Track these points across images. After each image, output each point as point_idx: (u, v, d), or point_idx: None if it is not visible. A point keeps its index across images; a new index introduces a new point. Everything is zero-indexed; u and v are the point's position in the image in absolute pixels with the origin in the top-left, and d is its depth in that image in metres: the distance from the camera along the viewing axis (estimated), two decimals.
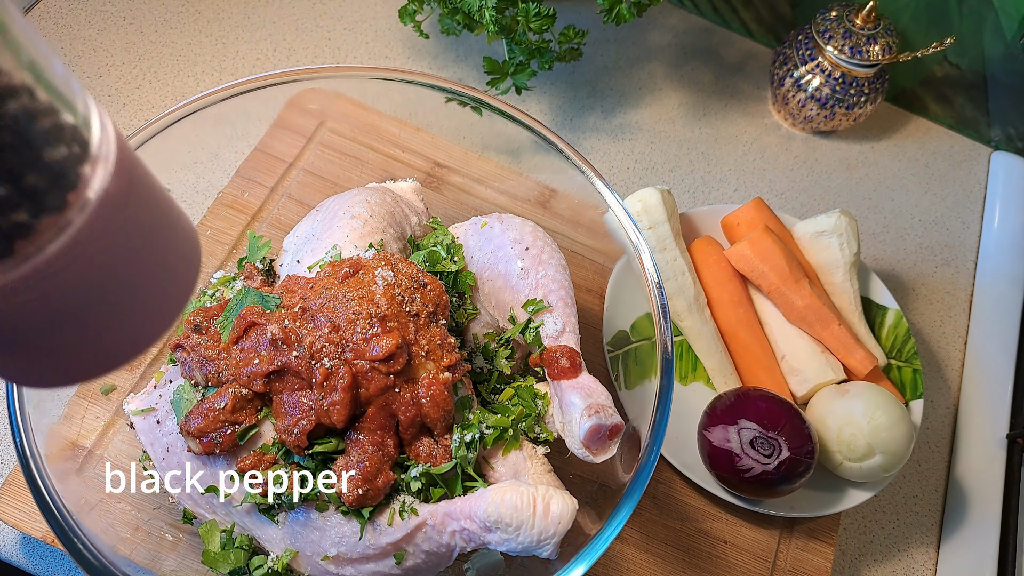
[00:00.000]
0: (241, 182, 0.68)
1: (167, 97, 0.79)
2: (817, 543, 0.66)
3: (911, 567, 0.70)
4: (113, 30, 0.82)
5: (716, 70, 0.94)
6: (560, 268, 0.55)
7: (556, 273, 0.55)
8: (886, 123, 0.95)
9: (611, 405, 0.50)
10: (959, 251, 0.88)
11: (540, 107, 0.87)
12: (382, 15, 0.89)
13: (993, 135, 0.94)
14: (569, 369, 0.51)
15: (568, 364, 0.51)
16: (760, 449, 0.61)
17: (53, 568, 0.58)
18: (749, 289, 0.73)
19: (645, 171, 0.86)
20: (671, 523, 0.65)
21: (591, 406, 0.49)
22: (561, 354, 0.51)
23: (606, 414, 0.49)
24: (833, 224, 0.72)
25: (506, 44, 0.75)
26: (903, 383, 0.71)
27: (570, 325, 0.53)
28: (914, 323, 0.82)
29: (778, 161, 0.89)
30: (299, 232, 0.57)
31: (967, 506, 0.73)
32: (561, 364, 0.51)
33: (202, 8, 0.86)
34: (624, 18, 0.73)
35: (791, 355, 0.70)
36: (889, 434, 0.63)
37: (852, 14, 0.83)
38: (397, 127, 0.71)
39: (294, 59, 0.85)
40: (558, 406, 0.52)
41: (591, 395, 0.50)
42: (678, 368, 0.71)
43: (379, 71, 0.56)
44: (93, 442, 0.53)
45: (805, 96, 0.87)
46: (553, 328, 0.53)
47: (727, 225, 0.75)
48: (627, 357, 0.62)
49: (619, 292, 0.66)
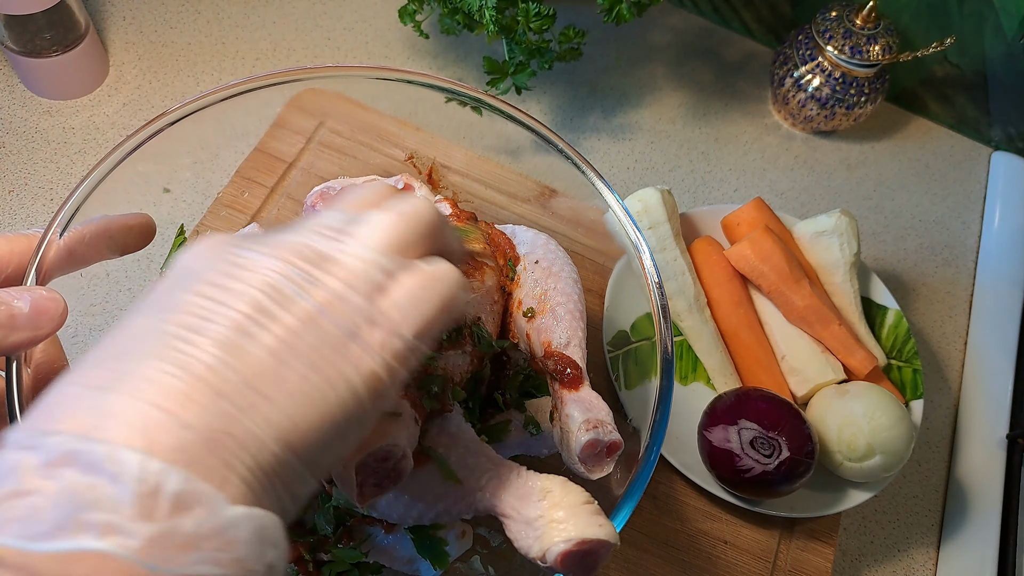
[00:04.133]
0: (241, 182, 0.68)
1: (166, 97, 0.79)
2: (817, 543, 0.66)
3: (911, 567, 0.70)
4: (113, 30, 0.82)
5: (716, 70, 0.94)
6: (572, 282, 0.55)
7: (567, 287, 0.54)
8: (886, 123, 0.95)
9: (611, 422, 0.48)
10: (959, 251, 0.88)
11: (540, 107, 0.87)
12: (382, 15, 0.89)
13: (993, 135, 0.94)
14: (572, 380, 0.50)
15: (571, 374, 0.50)
16: (760, 449, 0.61)
17: None
18: (749, 289, 0.73)
19: (645, 171, 0.86)
20: (671, 523, 0.65)
21: (589, 420, 0.47)
22: (566, 363, 0.51)
23: (604, 430, 0.47)
24: (833, 224, 0.72)
25: (506, 44, 0.75)
26: (903, 383, 0.71)
27: (576, 339, 0.52)
28: (914, 323, 0.82)
29: (778, 161, 0.89)
30: None
31: (967, 506, 0.73)
32: (565, 372, 0.51)
33: (202, 8, 0.86)
34: (624, 18, 0.73)
35: (791, 355, 0.70)
36: (889, 434, 0.62)
37: (852, 14, 0.83)
38: (397, 127, 0.71)
39: (294, 59, 0.85)
40: (557, 418, 0.51)
41: (591, 410, 0.49)
42: (678, 368, 0.71)
43: (379, 71, 0.55)
44: None
45: (805, 96, 0.87)
46: (558, 341, 0.52)
47: (727, 225, 0.75)
48: (627, 357, 0.62)
49: (619, 292, 0.66)
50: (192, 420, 0.23)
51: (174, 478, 0.22)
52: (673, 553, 0.64)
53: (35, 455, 0.22)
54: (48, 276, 0.43)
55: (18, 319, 0.36)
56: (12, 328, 0.36)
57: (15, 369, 0.40)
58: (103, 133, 0.76)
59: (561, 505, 0.40)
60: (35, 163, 0.73)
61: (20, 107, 0.76)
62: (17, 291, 0.37)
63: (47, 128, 0.75)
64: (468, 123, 0.58)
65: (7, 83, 0.77)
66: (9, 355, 0.39)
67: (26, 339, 0.37)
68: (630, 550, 0.63)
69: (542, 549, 0.39)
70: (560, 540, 0.38)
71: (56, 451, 0.22)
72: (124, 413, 0.23)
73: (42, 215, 0.71)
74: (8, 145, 0.74)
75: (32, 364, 0.41)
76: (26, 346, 0.38)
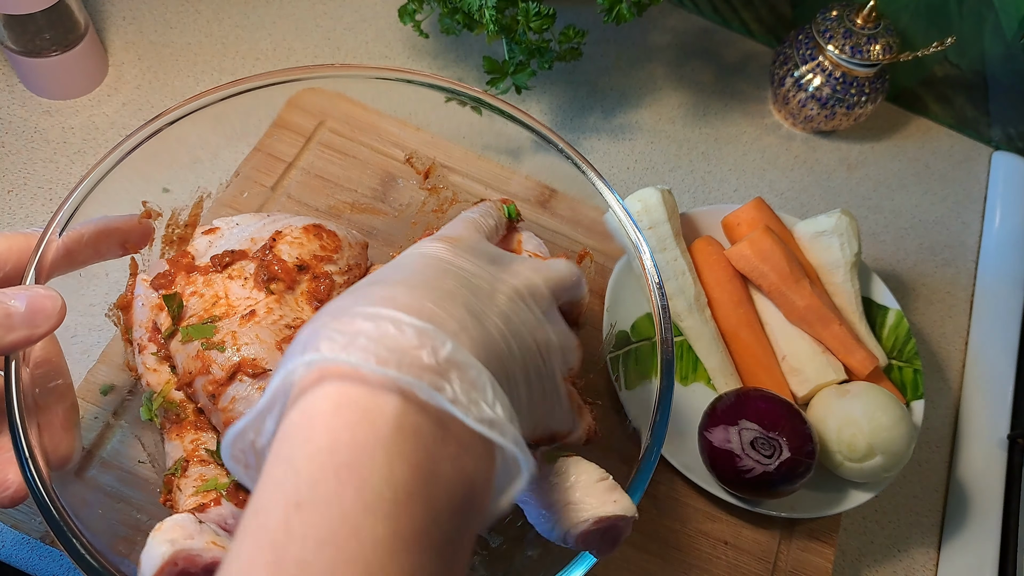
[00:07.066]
0: (241, 182, 0.68)
1: (166, 97, 0.79)
2: (818, 544, 0.66)
3: (912, 567, 0.70)
4: (112, 29, 0.82)
5: (716, 70, 0.94)
6: None
7: None
8: (886, 123, 0.94)
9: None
10: (960, 251, 0.88)
11: (540, 107, 0.87)
12: (382, 15, 0.89)
13: (993, 135, 0.94)
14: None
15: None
16: (761, 450, 0.61)
17: (53, 568, 0.58)
18: (750, 289, 0.73)
19: (645, 171, 0.86)
20: (671, 524, 0.65)
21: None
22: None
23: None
24: (834, 224, 0.72)
25: (506, 44, 0.75)
26: (904, 383, 0.71)
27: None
28: (915, 323, 0.82)
29: (778, 161, 0.89)
30: None
31: (968, 506, 0.73)
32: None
33: (201, 8, 0.86)
34: (624, 18, 0.73)
35: (792, 355, 0.70)
36: (890, 434, 0.62)
37: (852, 14, 0.83)
38: (397, 127, 0.71)
39: (294, 59, 0.84)
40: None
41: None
42: (678, 368, 0.71)
43: (379, 71, 0.55)
44: (92, 442, 0.53)
45: (805, 96, 0.86)
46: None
47: (727, 225, 0.75)
48: (627, 357, 0.62)
49: (619, 292, 0.65)
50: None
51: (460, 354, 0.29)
52: (673, 554, 0.64)
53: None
54: (47, 275, 0.43)
55: (15, 318, 0.37)
56: (9, 328, 0.36)
57: (14, 368, 0.40)
58: (102, 133, 0.76)
59: (576, 486, 0.40)
60: (34, 163, 0.73)
61: (19, 107, 0.76)
62: (14, 291, 0.37)
63: (46, 128, 0.75)
64: (468, 123, 0.58)
65: (6, 83, 0.77)
66: (8, 354, 0.39)
67: (23, 338, 0.37)
68: (630, 550, 0.63)
69: (562, 532, 0.39)
70: (579, 521, 0.38)
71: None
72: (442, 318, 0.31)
73: (41, 215, 0.71)
74: (7, 145, 0.74)
75: (31, 363, 0.41)
76: (23, 345, 0.38)
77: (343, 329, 0.28)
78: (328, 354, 0.28)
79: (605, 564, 0.62)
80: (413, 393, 0.27)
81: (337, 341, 0.28)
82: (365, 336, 0.28)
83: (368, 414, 0.27)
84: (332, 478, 0.25)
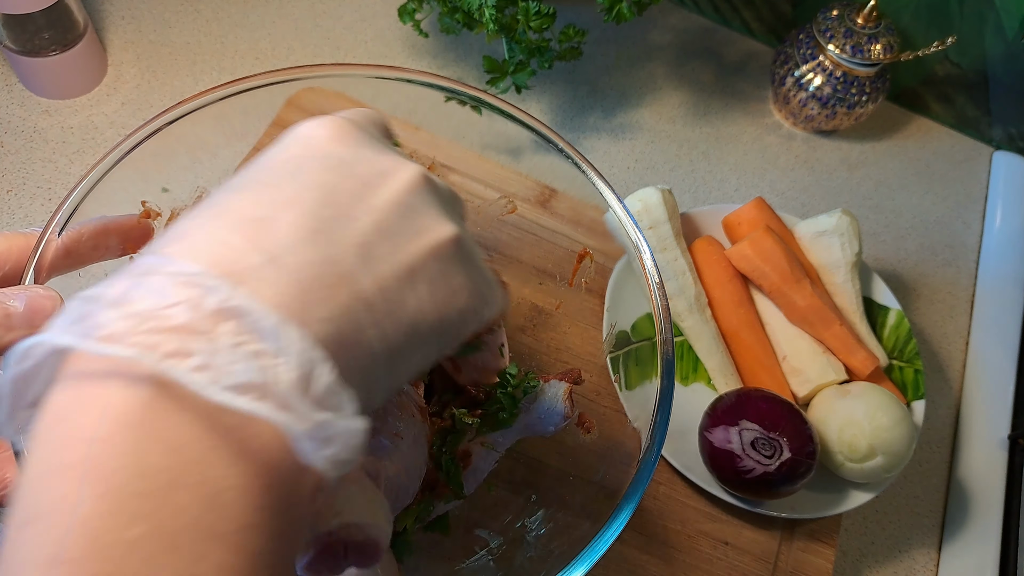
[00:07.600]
0: None
1: (165, 96, 0.79)
2: (818, 544, 0.66)
3: (912, 568, 0.70)
4: (111, 29, 0.82)
5: (717, 70, 0.93)
6: None
7: None
8: (887, 122, 0.94)
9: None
10: (960, 251, 0.87)
11: (540, 107, 0.87)
12: (381, 14, 0.89)
13: (994, 135, 0.94)
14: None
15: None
16: (761, 450, 0.61)
17: None
18: (750, 289, 0.73)
19: (645, 171, 0.85)
20: (671, 524, 0.65)
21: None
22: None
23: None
24: (834, 224, 0.71)
25: (506, 43, 0.75)
26: (905, 383, 0.71)
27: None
28: (915, 323, 0.82)
29: (779, 161, 0.89)
30: None
31: (969, 507, 0.73)
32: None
33: (201, 7, 0.85)
34: (624, 17, 0.73)
35: (792, 355, 0.70)
36: (890, 435, 0.62)
37: (853, 13, 0.83)
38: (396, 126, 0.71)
39: (293, 58, 0.84)
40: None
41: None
42: (679, 368, 0.71)
43: (378, 70, 0.55)
44: None
45: (806, 95, 0.86)
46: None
47: (728, 225, 0.75)
48: (628, 358, 0.61)
49: (619, 292, 0.65)
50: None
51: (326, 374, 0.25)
52: (674, 554, 0.63)
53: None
54: (46, 275, 0.43)
55: (14, 318, 0.36)
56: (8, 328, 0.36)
57: None
58: (102, 132, 0.76)
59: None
60: (33, 162, 0.73)
61: (19, 106, 0.75)
62: (13, 291, 0.37)
63: (46, 127, 0.75)
64: (468, 122, 0.58)
65: (5, 82, 0.77)
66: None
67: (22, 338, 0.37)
68: (630, 550, 0.63)
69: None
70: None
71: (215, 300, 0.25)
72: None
73: (40, 214, 0.71)
74: (7, 144, 0.73)
75: None
76: None
77: (99, 295, 0.25)
78: (55, 338, 0.24)
79: (605, 564, 0.62)
80: (144, 370, 0.24)
81: (72, 315, 0.25)
82: (109, 302, 0.25)
83: (89, 415, 0.23)
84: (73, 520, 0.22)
